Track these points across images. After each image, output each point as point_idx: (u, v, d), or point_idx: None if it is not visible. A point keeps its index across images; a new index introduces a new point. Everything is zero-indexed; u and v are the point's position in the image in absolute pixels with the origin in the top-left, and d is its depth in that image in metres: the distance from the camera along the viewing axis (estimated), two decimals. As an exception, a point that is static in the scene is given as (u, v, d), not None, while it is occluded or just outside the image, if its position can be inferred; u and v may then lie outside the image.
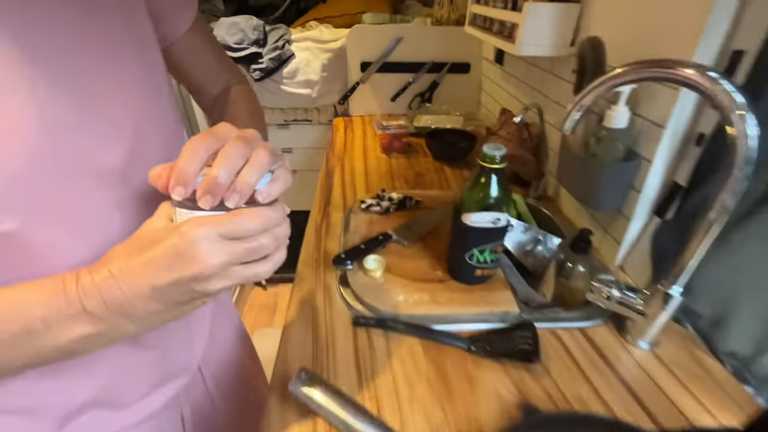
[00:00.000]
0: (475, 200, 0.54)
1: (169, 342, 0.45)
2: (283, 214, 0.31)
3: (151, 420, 0.45)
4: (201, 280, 0.28)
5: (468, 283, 0.62)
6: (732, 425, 0.44)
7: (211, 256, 0.27)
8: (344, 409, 0.40)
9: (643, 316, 0.52)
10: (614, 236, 0.67)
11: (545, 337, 0.55)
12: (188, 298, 0.30)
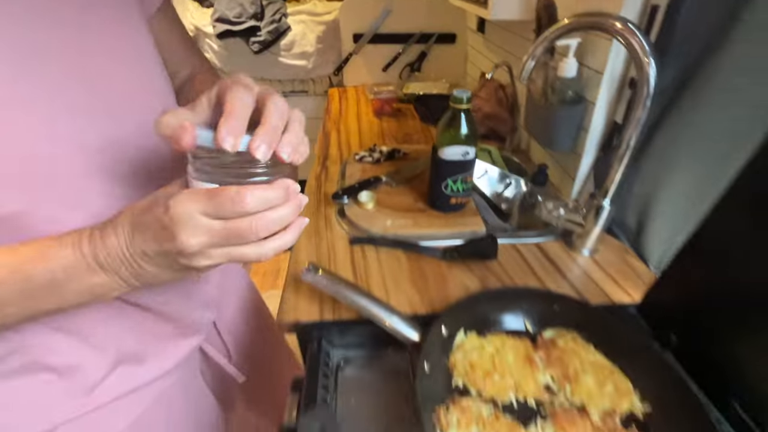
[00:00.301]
0: (447, 137, 0.66)
1: (180, 301, 0.49)
2: (283, 194, 0.30)
3: (171, 374, 0.49)
4: (184, 257, 0.29)
5: (444, 211, 0.74)
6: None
7: (190, 235, 0.28)
8: (346, 287, 0.52)
9: (583, 227, 0.65)
10: (570, 174, 0.79)
11: (506, 250, 0.68)
12: (180, 267, 0.31)
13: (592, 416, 0.43)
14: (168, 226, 0.28)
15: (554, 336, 0.52)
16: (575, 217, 0.66)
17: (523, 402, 0.45)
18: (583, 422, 0.42)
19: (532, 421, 0.43)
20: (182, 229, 0.27)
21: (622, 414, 0.43)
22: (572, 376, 0.47)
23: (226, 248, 0.29)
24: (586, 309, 0.52)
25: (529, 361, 0.48)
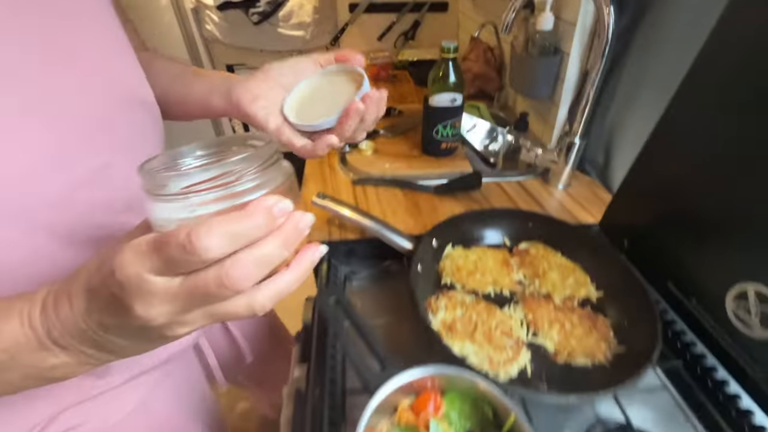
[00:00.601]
0: (437, 85, 0.74)
1: None
2: (262, 221, 0.21)
3: (173, 361, 0.49)
4: (152, 329, 0.22)
5: (436, 156, 0.82)
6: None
7: (146, 305, 0.21)
8: (350, 209, 0.61)
9: (557, 164, 0.74)
10: (550, 123, 0.88)
11: (491, 187, 0.77)
12: (156, 336, 0.24)
13: (555, 300, 0.53)
14: (119, 296, 0.21)
15: (528, 247, 0.61)
16: (551, 155, 0.75)
17: (499, 292, 0.54)
18: (547, 304, 0.52)
19: (506, 304, 0.52)
20: (135, 300, 0.21)
21: (579, 298, 0.53)
22: (540, 274, 0.56)
23: (201, 309, 0.22)
24: (555, 224, 0.61)
25: (506, 265, 0.58)
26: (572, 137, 0.70)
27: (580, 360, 0.46)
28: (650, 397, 0.46)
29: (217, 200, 0.22)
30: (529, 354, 0.47)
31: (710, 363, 0.44)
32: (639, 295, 0.49)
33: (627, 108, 0.68)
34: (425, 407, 0.38)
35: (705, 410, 0.43)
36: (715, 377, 0.43)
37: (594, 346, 0.47)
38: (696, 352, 0.45)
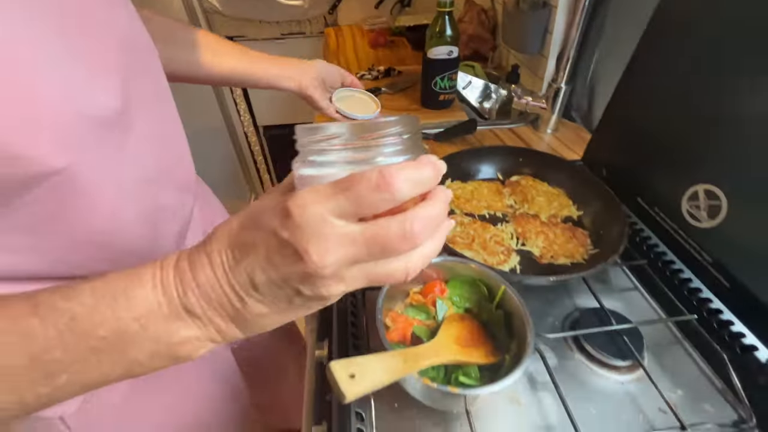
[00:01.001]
0: (434, 38, 0.80)
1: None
2: (434, 175, 0.21)
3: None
4: (311, 283, 0.21)
5: (435, 108, 0.89)
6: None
7: (324, 250, 0.20)
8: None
9: (545, 109, 0.81)
10: (540, 75, 0.94)
11: (485, 133, 0.84)
12: (300, 302, 0.23)
13: (541, 218, 0.61)
14: (290, 241, 0.20)
15: (518, 179, 0.69)
16: (540, 101, 0.82)
17: (493, 214, 0.62)
18: (534, 221, 0.60)
19: (499, 223, 0.60)
20: (312, 243, 0.20)
21: (562, 217, 0.61)
22: (529, 199, 0.64)
23: (366, 265, 0.22)
24: (543, 158, 0.69)
25: (499, 193, 0.66)
26: (558, 84, 0.77)
27: (561, 260, 0.54)
28: (622, 293, 0.55)
29: (371, 158, 0.22)
30: (518, 258, 0.55)
31: (669, 258, 0.52)
32: (612, 210, 0.57)
33: (608, 57, 0.75)
34: (432, 291, 0.46)
35: (664, 295, 0.51)
36: (672, 268, 0.52)
37: (573, 249, 0.56)
38: (658, 251, 0.54)
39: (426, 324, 0.44)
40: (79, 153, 0.27)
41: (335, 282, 0.21)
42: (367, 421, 0.41)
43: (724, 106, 0.47)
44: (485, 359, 0.40)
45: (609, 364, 0.45)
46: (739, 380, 0.42)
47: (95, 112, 0.27)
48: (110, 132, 0.30)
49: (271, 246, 0.21)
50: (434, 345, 0.39)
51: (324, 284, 0.21)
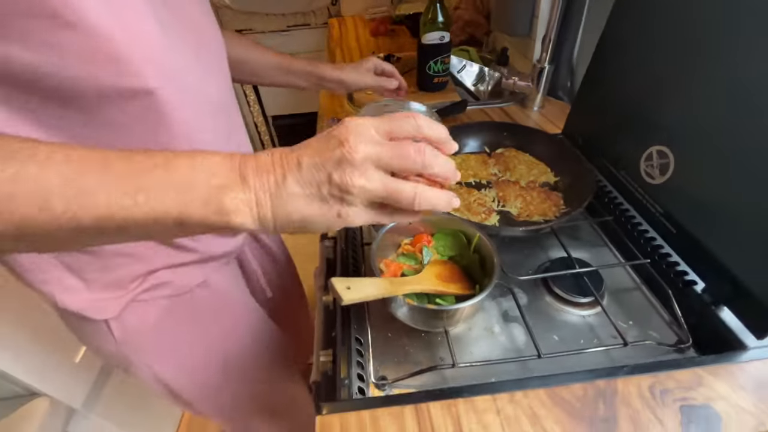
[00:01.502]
0: (427, 25, 0.87)
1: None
2: (445, 131, 0.31)
3: (229, 255, 0.58)
4: (342, 168, 0.27)
5: (430, 91, 0.96)
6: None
7: (359, 141, 0.27)
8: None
9: (531, 87, 0.87)
10: (529, 57, 1.00)
11: (476, 112, 0.91)
12: (327, 192, 0.28)
13: (521, 183, 0.68)
14: (336, 134, 0.28)
15: (503, 151, 0.76)
16: (526, 81, 0.88)
17: (478, 181, 0.70)
18: (514, 186, 0.67)
19: (483, 189, 0.68)
20: (353, 136, 0.27)
21: (540, 182, 0.69)
22: (511, 168, 0.71)
23: (387, 177, 0.28)
24: (525, 131, 0.76)
25: (484, 163, 0.73)
26: (542, 64, 0.83)
27: (535, 218, 0.62)
28: (590, 247, 0.62)
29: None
30: (498, 216, 0.63)
31: (631, 213, 0.60)
32: (585, 174, 0.64)
33: (590, 38, 0.81)
34: (420, 241, 0.55)
35: (624, 244, 0.59)
36: (632, 221, 0.59)
37: (547, 209, 0.63)
38: (622, 208, 0.61)
39: (414, 268, 0.52)
40: (169, 82, 0.37)
41: (359, 174, 0.27)
42: (365, 346, 0.50)
43: (675, 78, 0.53)
44: (461, 291, 0.48)
45: (572, 301, 0.53)
46: (680, 310, 0.49)
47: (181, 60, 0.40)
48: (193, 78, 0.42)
49: (322, 139, 0.28)
50: (417, 277, 0.47)
51: (351, 172, 0.27)
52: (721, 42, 0.47)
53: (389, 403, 0.40)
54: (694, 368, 0.41)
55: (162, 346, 0.55)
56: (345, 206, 0.28)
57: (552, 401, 0.39)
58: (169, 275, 0.51)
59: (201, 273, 0.55)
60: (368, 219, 0.30)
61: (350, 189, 0.27)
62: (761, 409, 0.38)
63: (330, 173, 0.27)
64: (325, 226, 0.29)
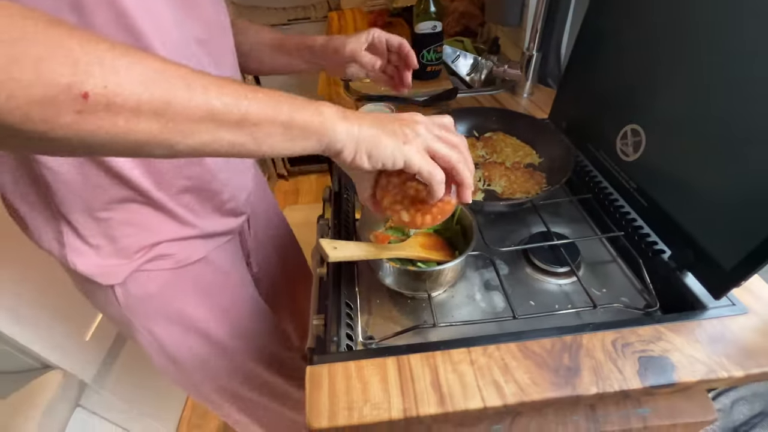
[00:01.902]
0: (420, 15, 0.90)
1: (236, 179, 0.59)
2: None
3: (232, 233, 0.63)
4: (408, 124, 0.38)
5: (423, 79, 0.99)
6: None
7: (420, 118, 0.39)
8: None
9: (521, 75, 0.90)
10: (520, 47, 1.03)
11: (467, 99, 0.94)
12: (397, 127, 0.37)
13: (506, 164, 0.72)
14: (404, 118, 0.39)
15: (490, 135, 0.79)
16: (516, 69, 0.91)
17: (466, 163, 0.73)
18: (499, 167, 0.71)
19: (470, 169, 0.71)
20: (414, 122, 0.38)
21: (525, 163, 0.72)
22: (498, 150, 0.75)
23: (433, 140, 0.38)
24: (512, 116, 0.79)
25: (473, 146, 0.76)
26: (530, 52, 0.86)
27: (518, 195, 0.65)
28: (570, 223, 0.65)
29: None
30: (483, 194, 0.66)
31: (609, 191, 0.63)
32: (566, 155, 0.67)
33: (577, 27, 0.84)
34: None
35: (602, 219, 0.62)
36: (610, 198, 0.62)
37: (530, 187, 0.66)
38: (601, 186, 0.64)
39: (401, 239, 0.56)
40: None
41: (416, 131, 0.38)
42: (354, 310, 0.54)
43: (648, 62, 0.56)
44: (442, 257, 0.52)
45: (550, 271, 0.57)
46: (649, 276, 0.53)
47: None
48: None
49: (393, 118, 0.39)
50: (402, 244, 0.51)
51: (413, 126, 0.38)
52: (689, 28, 0.50)
53: (373, 355, 0.44)
54: (655, 325, 0.45)
55: (162, 312, 0.59)
56: (407, 138, 0.37)
57: (522, 354, 0.43)
58: (173, 248, 0.55)
59: (203, 248, 0.59)
60: (421, 157, 0.37)
61: (409, 138, 0.37)
62: (714, 360, 0.41)
63: (401, 121, 0.38)
64: (390, 151, 0.36)
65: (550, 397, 0.39)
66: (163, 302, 0.58)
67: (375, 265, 0.53)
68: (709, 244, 0.46)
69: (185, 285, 0.59)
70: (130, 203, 0.49)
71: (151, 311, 0.58)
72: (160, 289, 0.57)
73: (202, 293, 0.62)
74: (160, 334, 0.60)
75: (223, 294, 0.65)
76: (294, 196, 2.36)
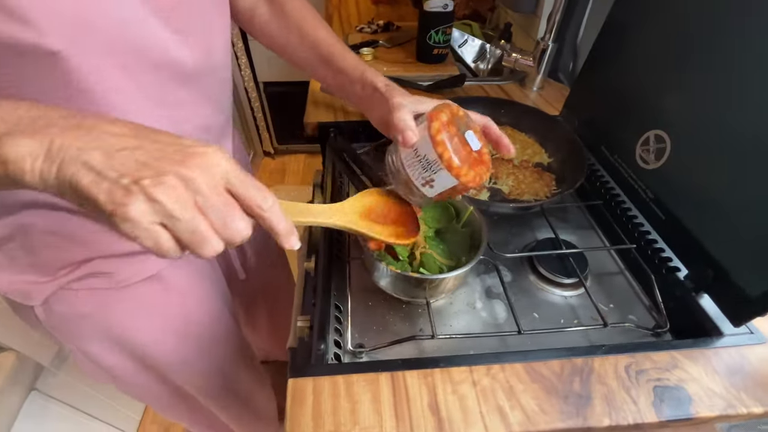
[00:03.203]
0: (431, -9, 0.83)
1: None
2: (286, 229, 0.28)
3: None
4: (161, 181, 0.24)
5: (429, 63, 0.93)
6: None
7: (198, 176, 0.24)
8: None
9: (532, 67, 0.85)
10: (533, 36, 0.97)
11: (474, 88, 0.88)
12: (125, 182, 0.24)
13: (514, 162, 0.67)
14: (185, 151, 0.25)
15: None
16: (528, 60, 0.86)
17: (471, 157, 0.68)
18: (507, 164, 0.66)
19: (476, 165, 0.66)
20: (200, 166, 0.25)
21: (534, 162, 0.67)
22: (506, 146, 0.70)
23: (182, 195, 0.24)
24: (522, 110, 0.74)
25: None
26: (545, 43, 0.81)
27: (526, 197, 0.61)
28: (578, 230, 0.62)
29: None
30: (489, 193, 0.62)
31: (621, 198, 0.59)
32: (578, 157, 0.63)
33: (596, 20, 0.79)
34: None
35: (612, 229, 0.58)
36: (622, 206, 0.58)
37: (538, 189, 0.62)
38: (613, 193, 0.60)
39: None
40: (86, 45, 0.31)
41: (159, 183, 0.25)
42: (344, 313, 0.49)
43: (680, 65, 0.52)
44: (390, 239, 0.39)
45: (556, 281, 0.53)
46: (661, 295, 0.49)
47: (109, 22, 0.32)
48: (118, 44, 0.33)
49: (167, 142, 0.26)
50: (334, 207, 0.38)
51: (164, 189, 0.25)
52: (729, 33, 0.46)
53: (365, 370, 0.39)
54: (670, 351, 0.41)
55: (97, 334, 0.50)
56: (143, 190, 0.23)
57: (529, 376, 0.39)
58: (110, 265, 0.45)
59: (153, 265, 0.48)
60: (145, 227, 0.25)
61: (155, 197, 0.23)
62: (732, 394, 0.38)
63: (143, 178, 0.23)
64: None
65: (559, 428, 0.36)
66: (98, 324, 0.48)
67: (370, 265, 0.48)
68: (732, 267, 0.43)
69: (127, 306, 0.49)
70: (57, 211, 0.39)
71: (83, 332, 0.49)
72: (93, 310, 0.47)
73: (149, 315, 0.52)
74: (95, 355, 0.52)
75: (176, 316, 0.55)
76: (280, 176, 2.27)
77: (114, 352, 0.52)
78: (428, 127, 0.37)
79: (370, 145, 0.74)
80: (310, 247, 0.57)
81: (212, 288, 0.60)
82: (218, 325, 0.62)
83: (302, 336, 0.46)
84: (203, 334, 0.59)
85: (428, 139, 0.37)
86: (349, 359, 0.44)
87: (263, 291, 0.81)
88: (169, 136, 0.26)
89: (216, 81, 0.47)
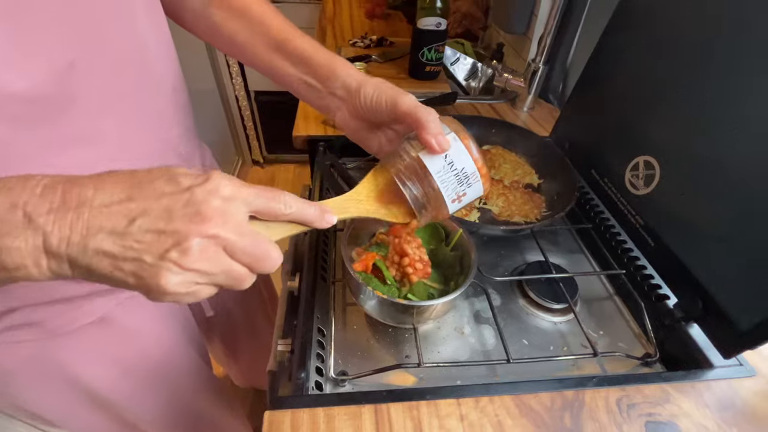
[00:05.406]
0: (424, 9, 0.83)
1: None
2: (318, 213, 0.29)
3: (116, 292, 0.44)
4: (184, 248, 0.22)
5: (421, 79, 0.93)
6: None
7: (221, 223, 0.23)
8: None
9: (523, 87, 0.85)
10: (524, 57, 0.98)
11: (465, 106, 0.88)
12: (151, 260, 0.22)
13: (504, 182, 0.66)
14: (194, 201, 0.22)
15: (489, 148, 0.74)
16: (519, 80, 0.86)
17: (461, 176, 0.67)
18: (497, 185, 0.66)
19: (466, 184, 0.66)
20: (217, 214, 0.23)
21: (523, 183, 0.67)
22: (496, 166, 0.69)
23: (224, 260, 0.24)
24: (513, 130, 0.74)
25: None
26: (536, 64, 0.82)
27: (516, 219, 0.60)
28: (568, 253, 0.61)
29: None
30: (479, 213, 0.61)
31: (611, 223, 0.59)
32: (568, 180, 0.63)
33: (586, 44, 0.80)
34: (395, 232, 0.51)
35: (602, 254, 0.58)
36: (612, 231, 0.58)
37: (528, 211, 0.61)
38: (603, 217, 0.60)
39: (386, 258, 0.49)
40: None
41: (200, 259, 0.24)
42: (327, 338, 0.47)
43: (670, 91, 0.52)
44: (407, 218, 0.38)
45: (545, 307, 0.52)
46: (651, 323, 0.49)
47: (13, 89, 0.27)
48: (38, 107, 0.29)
49: (174, 198, 0.24)
50: (345, 201, 0.35)
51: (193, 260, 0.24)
52: (721, 59, 0.46)
53: (347, 402, 0.37)
54: (661, 384, 0.40)
55: (27, 390, 0.45)
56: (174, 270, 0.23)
57: (519, 410, 0.37)
58: (39, 314, 0.39)
59: (98, 309, 0.43)
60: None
61: (186, 267, 0.23)
62: (724, 429, 0.37)
63: (167, 250, 0.22)
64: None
65: (548, 467, 0.34)
66: (27, 380, 0.43)
67: (355, 287, 0.46)
68: (723, 298, 0.43)
69: (63, 357, 0.44)
70: None
71: (9, 389, 0.44)
72: (21, 365, 0.42)
73: (100, 360, 0.47)
74: (32, 404, 0.47)
75: (132, 358, 0.50)
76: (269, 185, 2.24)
77: (54, 397, 0.47)
78: (457, 137, 0.34)
79: (360, 160, 0.73)
80: (295, 264, 0.55)
81: (172, 324, 0.55)
82: (181, 360, 0.58)
83: (282, 360, 0.44)
84: (166, 373, 0.55)
85: (464, 149, 0.34)
86: (331, 388, 0.42)
87: (242, 321, 0.77)
88: (161, 179, 0.23)
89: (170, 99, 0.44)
